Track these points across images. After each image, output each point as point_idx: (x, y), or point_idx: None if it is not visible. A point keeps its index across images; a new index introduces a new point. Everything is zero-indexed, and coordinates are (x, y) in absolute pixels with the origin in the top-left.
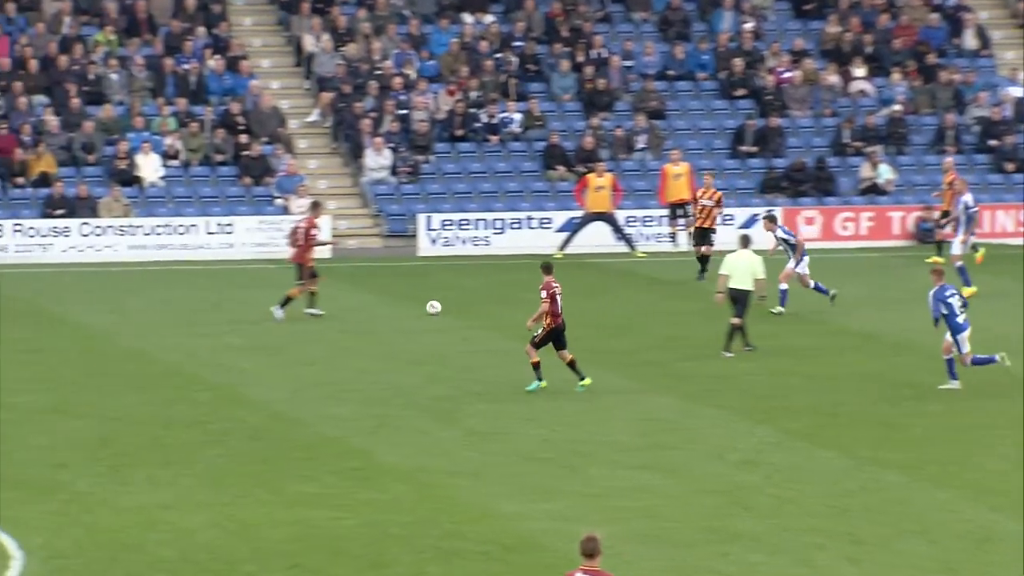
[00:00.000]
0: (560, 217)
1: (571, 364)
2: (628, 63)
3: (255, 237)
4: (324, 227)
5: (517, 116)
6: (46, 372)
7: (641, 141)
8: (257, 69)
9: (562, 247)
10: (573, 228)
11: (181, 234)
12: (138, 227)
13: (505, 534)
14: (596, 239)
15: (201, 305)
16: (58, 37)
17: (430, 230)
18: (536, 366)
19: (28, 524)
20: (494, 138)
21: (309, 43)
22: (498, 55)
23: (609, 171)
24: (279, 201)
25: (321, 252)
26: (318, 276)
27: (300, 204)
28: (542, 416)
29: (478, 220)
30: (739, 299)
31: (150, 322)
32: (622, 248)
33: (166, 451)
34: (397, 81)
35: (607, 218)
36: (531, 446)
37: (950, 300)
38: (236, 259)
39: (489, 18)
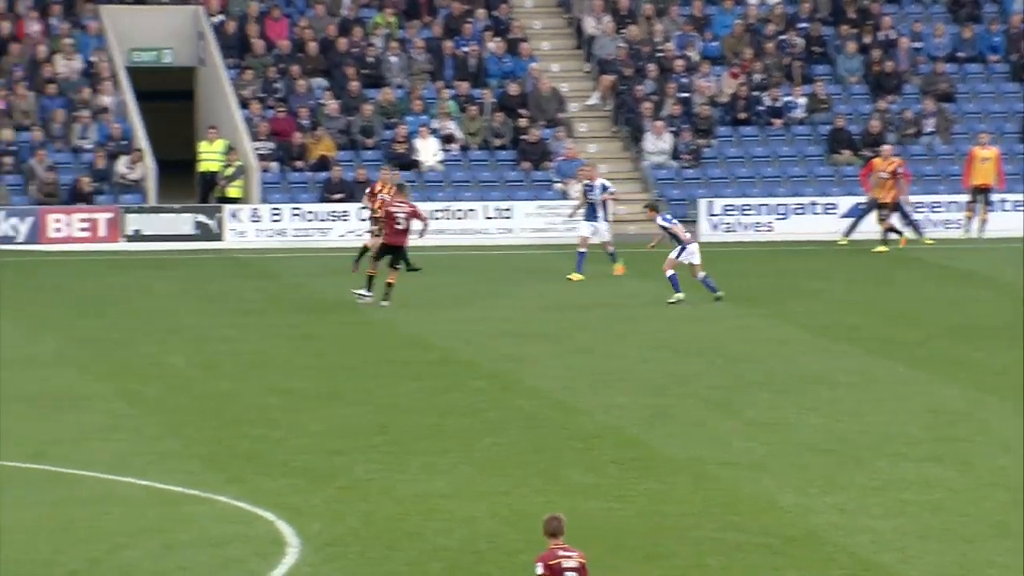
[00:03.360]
0: (845, 202)
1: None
2: (917, 45)
3: (534, 222)
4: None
5: (801, 99)
6: (321, 358)
7: (929, 125)
8: (537, 51)
9: (847, 233)
10: (858, 214)
11: (459, 219)
12: None
13: (787, 527)
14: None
15: (478, 291)
16: (337, 19)
17: (711, 215)
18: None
19: (305, 511)
20: (778, 122)
21: (590, 25)
22: (783, 37)
23: (896, 155)
24: (558, 186)
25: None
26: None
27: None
28: (824, 407)
29: (761, 205)
30: None
31: (426, 308)
32: (909, 235)
33: (443, 439)
34: (679, 64)
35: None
36: (813, 437)
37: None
38: (514, 244)
39: None
